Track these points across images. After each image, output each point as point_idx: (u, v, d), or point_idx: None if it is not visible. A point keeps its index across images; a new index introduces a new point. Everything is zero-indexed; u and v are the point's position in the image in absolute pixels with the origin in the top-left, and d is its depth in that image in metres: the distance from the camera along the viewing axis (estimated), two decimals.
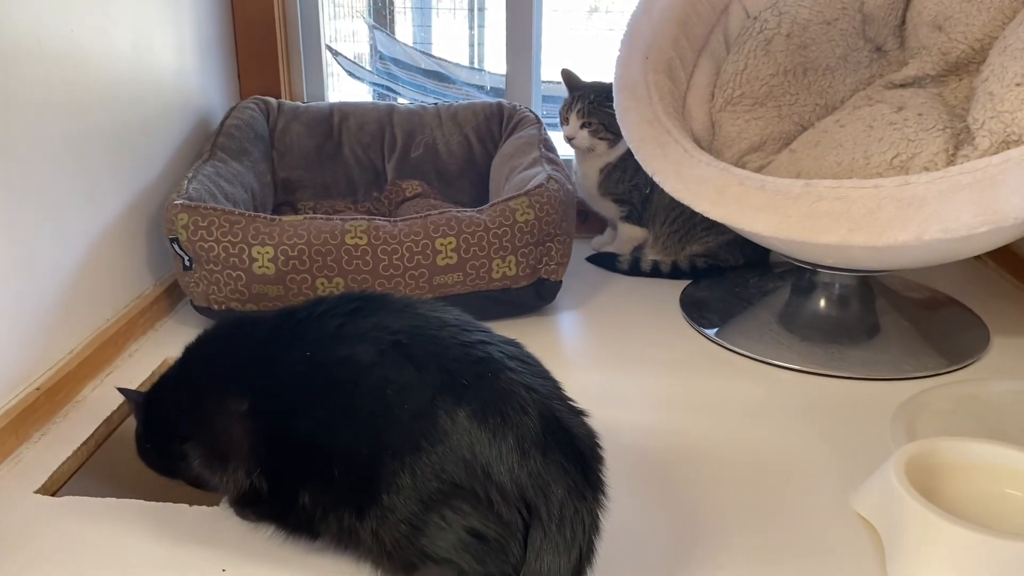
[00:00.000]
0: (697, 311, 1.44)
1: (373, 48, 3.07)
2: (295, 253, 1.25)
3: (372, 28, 3.04)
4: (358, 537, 0.75)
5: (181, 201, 1.27)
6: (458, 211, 1.32)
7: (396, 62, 3.02)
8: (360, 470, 0.73)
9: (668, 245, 1.60)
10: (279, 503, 0.80)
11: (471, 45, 3.27)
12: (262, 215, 1.28)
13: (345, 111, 1.70)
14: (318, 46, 1.83)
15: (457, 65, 3.03)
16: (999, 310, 1.42)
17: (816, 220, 1.10)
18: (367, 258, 1.27)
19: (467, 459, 0.70)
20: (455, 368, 0.74)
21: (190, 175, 1.37)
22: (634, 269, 1.61)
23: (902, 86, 1.30)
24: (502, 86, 1.86)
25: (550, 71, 1.84)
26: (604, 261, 1.64)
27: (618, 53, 1.45)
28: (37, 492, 0.95)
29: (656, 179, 1.27)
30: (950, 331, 1.36)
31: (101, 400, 1.14)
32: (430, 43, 3.12)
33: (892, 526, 0.86)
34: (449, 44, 3.15)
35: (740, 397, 1.20)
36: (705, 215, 1.21)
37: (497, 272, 1.32)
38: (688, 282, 1.56)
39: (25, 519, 0.90)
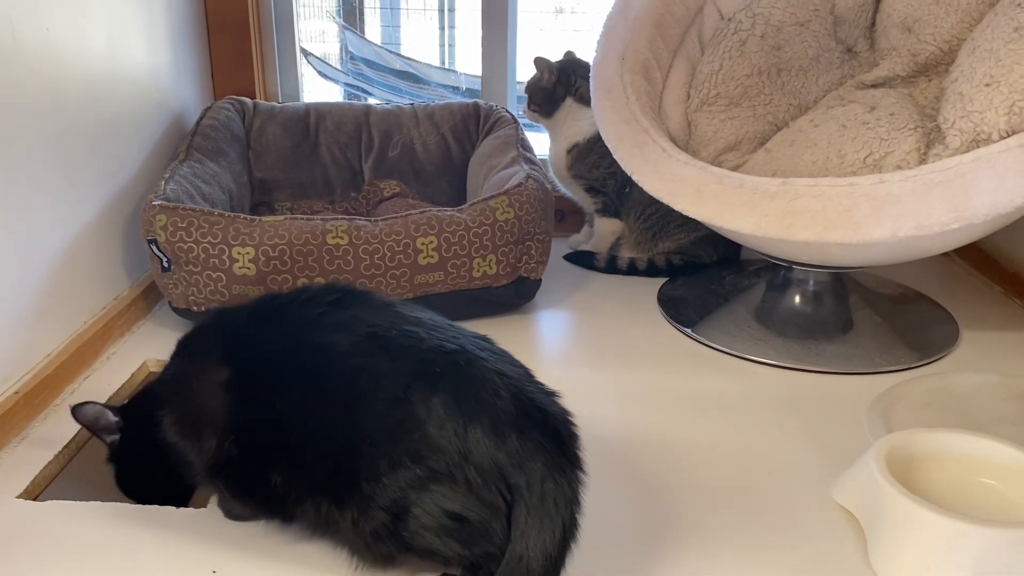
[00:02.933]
0: (674, 308, 1.46)
1: (344, 48, 3.06)
2: (276, 254, 1.25)
3: (342, 28, 3.03)
4: (337, 526, 0.76)
5: (159, 202, 1.26)
6: (439, 210, 1.33)
7: (367, 62, 3.02)
8: (336, 457, 0.74)
9: (642, 241, 1.62)
10: (250, 477, 0.80)
11: (441, 46, 3.27)
12: (242, 215, 1.27)
13: (321, 111, 1.69)
14: (292, 46, 1.82)
15: (428, 66, 3.04)
16: (967, 305, 1.46)
17: (793, 218, 1.12)
18: (348, 258, 1.27)
19: (443, 445, 0.71)
20: (429, 357, 0.75)
21: (167, 175, 1.35)
22: (611, 267, 1.63)
23: (873, 86, 1.33)
24: (476, 87, 1.87)
25: (523, 71, 1.86)
26: (581, 259, 1.65)
27: (594, 54, 1.47)
28: (19, 497, 0.94)
29: (635, 178, 1.29)
30: (921, 326, 1.40)
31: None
32: (400, 43, 3.12)
33: (873, 515, 0.88)
34: (419, 45, 3.15)
35: (718, 392, 1.22)
36: (684, 213, 1.23)
37: (478, 271, 1.33)
38: (665, 280, 1.58)
39: (8, 524, 0.89)
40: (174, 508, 0.92)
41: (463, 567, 0.74)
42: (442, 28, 3.25)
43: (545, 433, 0.73)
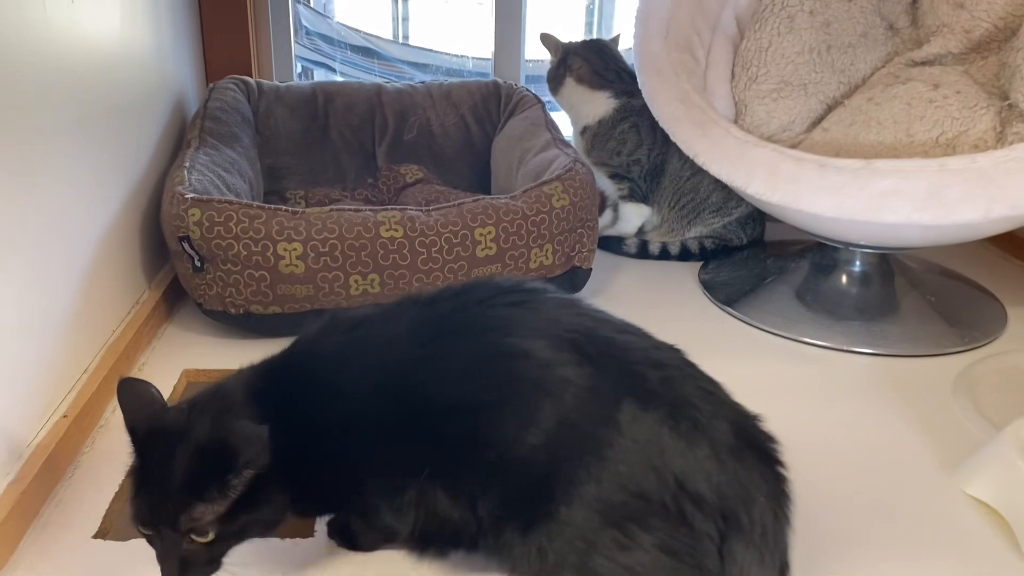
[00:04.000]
0: (719, 290, 1.42)
1: (297, 23, 2.91)
2: (326, 249, 1.15)
3: (295, 3, 2.88)
4: (511, 554, 0.69)
5: (192, 195, 1.14)
6: (493, 199, 1.25)
7: (324, 38, 2.87)
8: (535, 479, 0.66)
9: (674, 227, 1.58)
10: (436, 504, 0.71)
11: (394, 20, 3.14)
12: (284, 208, 1.16)
13: (329, 91, 1.57)
14: (288, 24, 1.69)
15: (386, 40, 2.91)
16: (1010, 289, 1.46)
17: (880, 200, 1.09)
18: (404, 252, 1.18)
19: (658, 468, 0.65)
20: (638, 371, 0.68)
21: (187, 164, 1.22)
22: (642, 252, 1.58)
23: (924, 63, 1.32)
24: (442, 63, 1.77)
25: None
26: (610, 245, 1.60)
27: (634, 32, 1.41)
28: (96, 537, 0.82)
29: (699, 160, 1.24)
30: (968, 308, 1.40)
31: (122, 424, 1.01)
32: (346, 15, 2.96)
33: (1019, 504, 0.86)
34: (370, 18, 3.01)
35: (773, 376, 1.19)
36: (756, 197, 1.19)
37: (535, 262, 1.26)
38: (699, 263, 1.54)
39: (99, 570, 0.78)
40: (279, 540, 0.82)
41: None
42: (395, 1, 3.13)
43: (765, 462, 0.68)
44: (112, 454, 0.95)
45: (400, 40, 3.05)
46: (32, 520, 0.83)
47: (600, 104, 1.54)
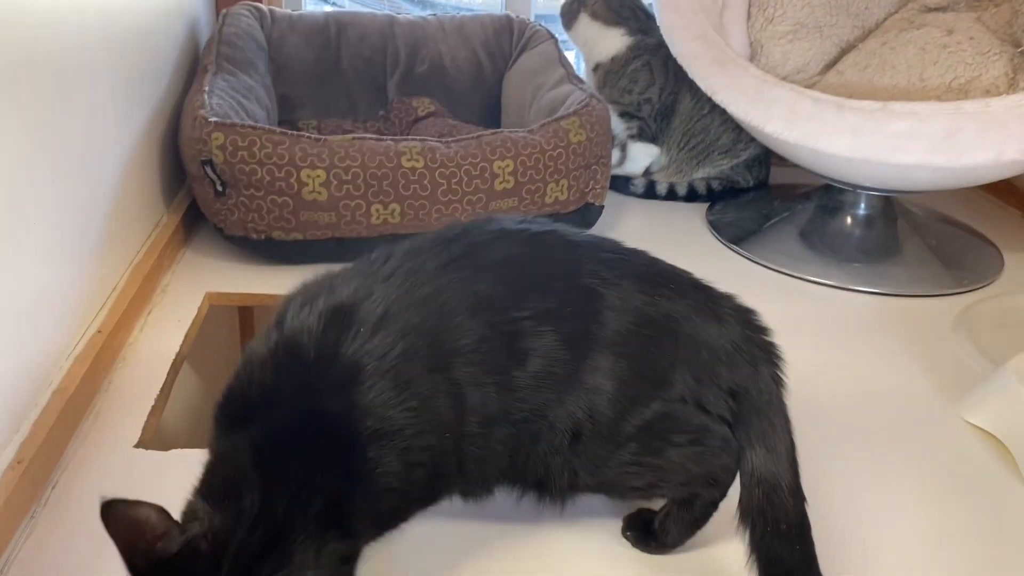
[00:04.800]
0: (725, 230, 1.45)
1: None
2: (349, 177, 1.16)
3: None
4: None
5: (215, 119, 1.14)
6: (511, 132, 1.26)
7: None
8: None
9: (682, 167, 1.60)
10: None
11: None
12: (307, 135, 1.17)
13: (343, 21, 1.56)
14: None
15: None
16: (1006, 235, 1.50)
17: (896, 140, 1.12)
18: (425, 182, 1.19)
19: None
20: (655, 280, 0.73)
21: (206, 88, 1.22)
22: (649, 192, 1.60)
23: (937, 9, 1.34)
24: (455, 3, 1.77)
25: None
26: (618, 185, 1.61)
27: None
28: (138, 446, 0.85)
29: (717, 98, 1.26)
30: (967, 252, 1.44)
31: (151, 342, 1.03)
32: None
33: (1021, 433, 0.91)
34: None
35: (779, 312, 1.20)
36: (774, 136, 1.21)
37: (550, 196, 1.28)
38: (706, 204, 1.57)
39: (142, 478, 0.80)
40: None
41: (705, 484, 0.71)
42: None
43: (757, 333, 0.72)
44: (143, 368, 0.97)
45: None
46: (74, 430, 0.85)
47: (614, 41, 1.54)
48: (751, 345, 0.70)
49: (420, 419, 0.61)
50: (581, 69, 1.64)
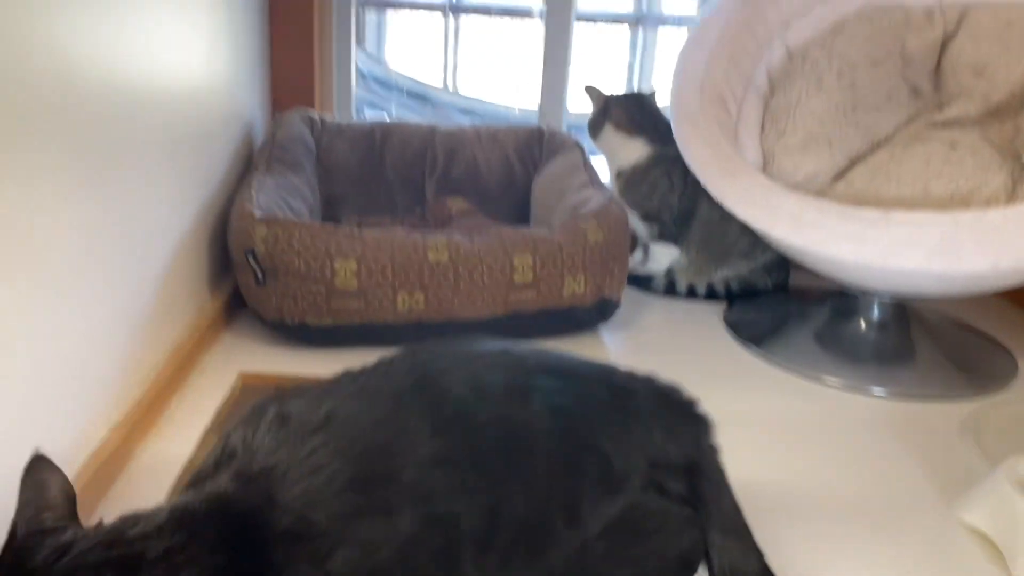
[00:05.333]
0: (742, 329, 1.50)
1: (356, 68, 3.07)
2: (378, 267, 1.25)
3: (357, 48, 3.04)
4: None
5: (260, 213, 1.25)
6: (531, 230, 1.35)
7: (379, 82, 3.03)
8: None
9: (703, 268, 1.66)
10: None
11: (445, 69, 3.29)
12: (343, 228, 1.27)
13: (387, 129, 1.69)
14: (349, 64, 1.83)
15: (435, 88, 3.06)
16: (1021, 340, 1.52)
17: (897, 247, 1.17)
18: (448, 274, 1.27)
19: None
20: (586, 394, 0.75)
21: (255, 186, 1.34)
22: (670, 290, 1.66)
23: (945, 126, 1.40)
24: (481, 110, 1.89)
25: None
26: (638, 282, 1.68)
27: (671, 86, 1.51)
28: None
29: (726, 204, 1.33)
30: (981, 358, 1.46)
31: (184, 416, 1.11)
32: (399, 63, 3.11)
33: (1012, 533, 0.92)
34: (422, 67, 3.16)
35: (789, 412, 1.25)
36: (781, 241, 1.27)
37: (568, 290, 1.35)
38: (724, 303, 1.62)
39: None
40: None
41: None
42: (446, 52, 3.29)
43: (688, 411, 0.78)
44: (175, 440, 1.05)
45: (450, 89, 3.21)
46: (106, 492, 0.93)
47: (635, 150, 1.64)
48: (684, 415, 0.76)
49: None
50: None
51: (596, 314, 1.41)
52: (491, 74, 2.92)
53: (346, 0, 1.79)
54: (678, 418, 0.75)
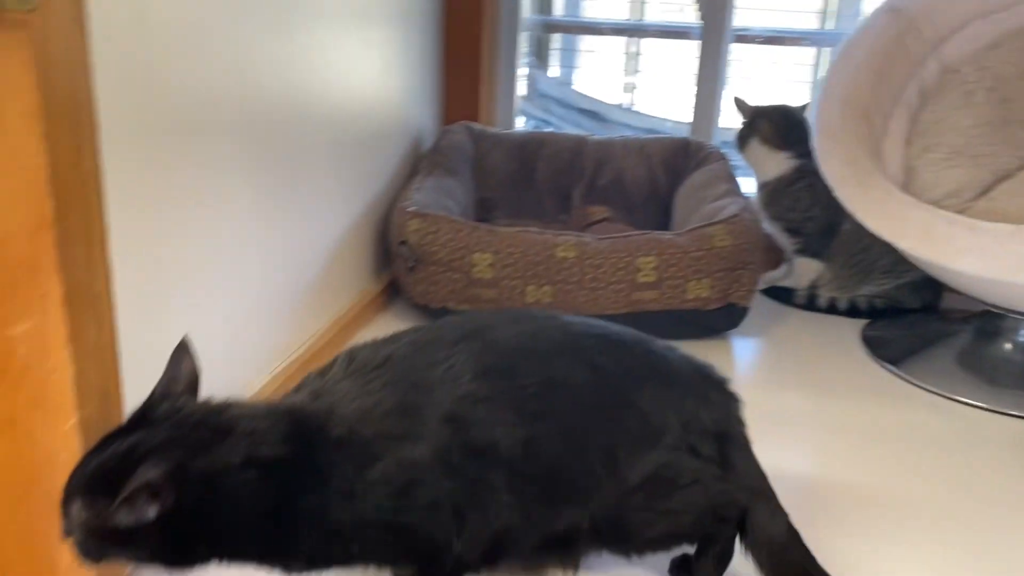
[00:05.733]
0: (878, 346, 1.48)
1: (533, 87, 3.26)
2: (511, 261, 1.38)
3: (533, 69, 3.23)
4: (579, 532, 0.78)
5: (414, 208, 1.42)
6: (659, 234, 1.42)
7: (555, 100, 3.19)
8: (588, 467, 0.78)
9: (846, 284, 1.66)
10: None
11: (624, 89, 3.40)
12: (483, 225, 1.41)
13: (542, 140, 1.83)
14: (513, 81, 1.99)
15: (611, 106, 3.18)
16: None
17: (1020, 262, 1.14)
18: (574, 270, 1.38)
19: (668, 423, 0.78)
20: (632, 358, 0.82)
21: (416, 186, 1.51)
22: (810, 304, 1.67)
23: None
24: (657, 127, 1.96)
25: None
26: (779, 294, 1.70)
27: (816, 99, 1.53)
28: None
29: (858, 216, 1.34)
30: None
31: None
32: (583, 83, 3.25)
33: None
34: (593, 85, 3.29)
35: (925, 430, 1.24)
36: (910, 253, 1.27)
37: (691, 293, 1.41)
38: (865, 321, 1.61)
39: None
40: None
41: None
42: (626, 72, 3.40)
43: (721, 387, 0.82)
44: None
45: (625, 106, 3.31)
46: None
47: (780, 163, 1.67)
48: (714, 387, 0.81)
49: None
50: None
51: (722, 319, 1.46)
52: (665, 92, 3.00)
53: (511, 26, 1.94)
54: (711, 389, 0.81)
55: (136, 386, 0.68)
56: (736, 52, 1.98)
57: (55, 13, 0.61)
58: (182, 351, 0.69)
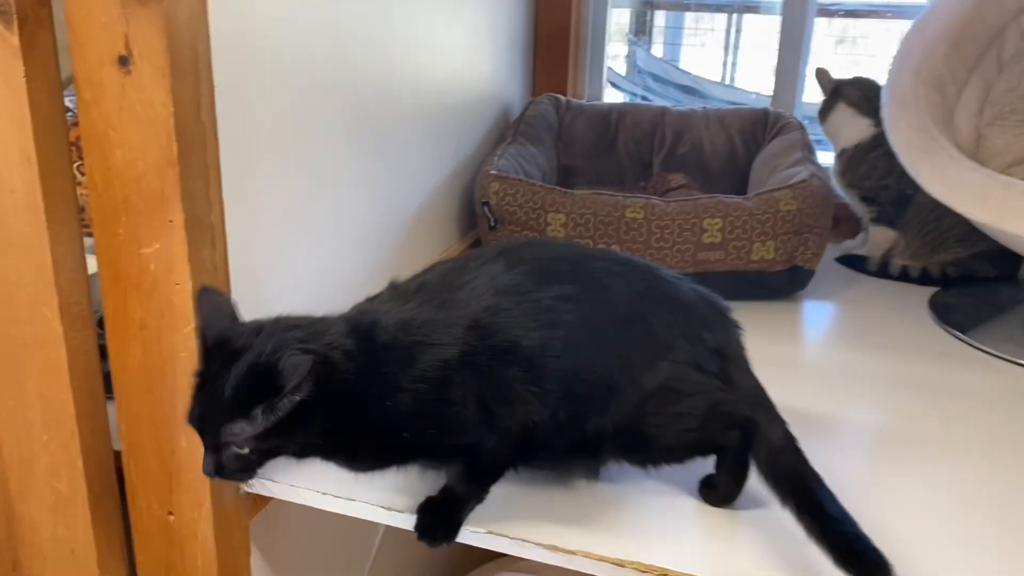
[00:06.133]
0: (945, 312, 1.51)
1: (632, 62, 3.33)
2: (582, 221, 1.48)
3: (633, 45, 3.29)
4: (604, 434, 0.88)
5: (495, 172, 1.55)
6: (726, 197, 1.50)
7: (653, 76, 3.25)
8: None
9: (919, 252, 1.68)
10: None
11: (724, 65, 3.43)
12: (557, 188, 1.52)
13: (623, 110, 1.92)
14: (601, 58, 2.08)
15: (710, 82, 3.21)
16: None
17: None
18: (642, 231, 1.47)
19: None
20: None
21: (499, 153, 1.64)
22: (882, 272, 1.70)
23: None
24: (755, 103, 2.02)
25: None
26: (853, 262, 1.74)
27: (890, 68, 1.56)
28: None
29: (919, 180, 1.38)
30: None
31: None
32: (678, 60, 3.29)
33: None
34: (698, 62, 3.32)
35: (979, 389, 1.27)
36: (967, 216, 1.30)
37: (756, 255, 1.48)
38: (936, 289, 1.63)
39: None
40: None
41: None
42: (726, 48, 3.42)
43: (726, 314, 0.92)
44: None
45: (725, 83, 3.34)
46: None
47: (861, 129, 1.69)
48: (718, 313, 0.90)
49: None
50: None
51: (787, 281, 1.52)
52: (762, 68, 3.02)
53: (600, 5, 2.04)
54: (714, 315, 0.90)
55: (242, 299, 0.84)
56: (820, 26, 2.01)
57: None
58: (209, 295, 0.80)
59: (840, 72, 1.76)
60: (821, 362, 1.38)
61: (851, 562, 0.77)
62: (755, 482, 0.90)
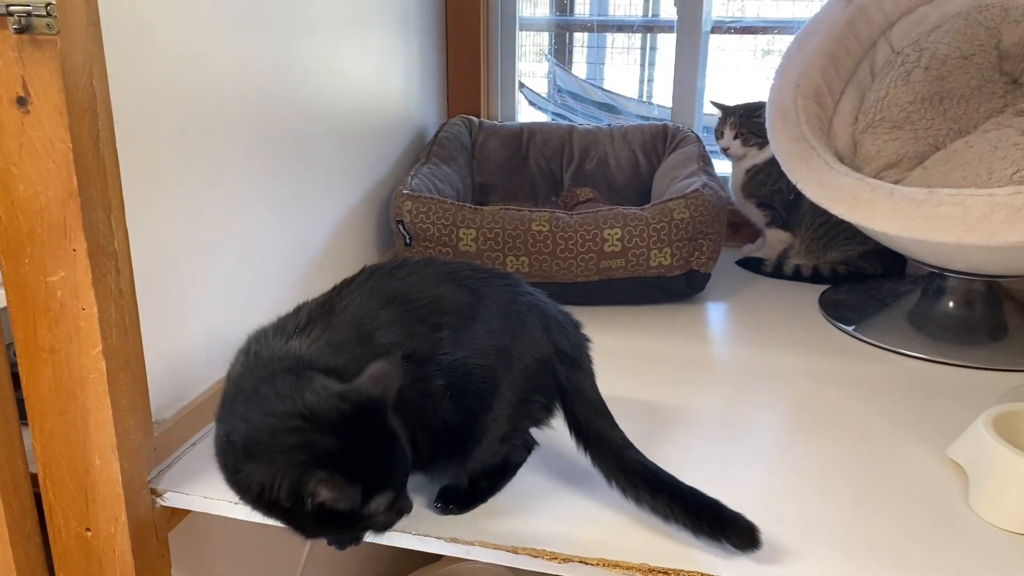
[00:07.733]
0: (833, 308, 1.62)
1: (552, 82, 3.43)
2: (492, 235, 1.56)
3: (553, 65, 3.40)
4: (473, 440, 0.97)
5: (407, 191, 1.61)
6: (624, 208, 1.59)
7: (572, 94, 3.36)
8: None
9: (812, 250, 1.80)
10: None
11: (641, 81, 3.56)
12: (468, 205, 1.60)
13: (533, 129, 2.01)
14: (512, 79, 2.17)
15: (627, 98, 3.33)
16: None
17: (935, 221, 1.28)
18: (548, 242, 1.55)
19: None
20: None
21: (412, 173, 1.71)
22: (777, 272, 1.81)
23: None
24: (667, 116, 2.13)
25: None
26: (750, 264, 1.85)
27: (772, 81, 1.68)
28: None
29: (799, 186, 1.48)
30: None
31: None
32: (602, 79, 3.42)
33: (977, 465, 1.03)
34: (621, 80, 3.44)
35: (866, 376, 1.38)
36: (841, 217, 1.42)
37: (654, 261, 1.57)
38: (827, 286, 1.75)
39: None
40: None
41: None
42: (642, 66, 3.56)
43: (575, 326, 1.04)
44: None
45: (642, 99, 3.46)
46: None
47: (753, 156, 1.80)
48: (573, 329, 1.02)
49: None
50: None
51: (685, 284, 1.62)
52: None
53: (509, 28, 2.13)
54: (568, 326, 1.01)
55: (151, 323, 0.89)
56: (746, 40, 2.12)
57: (75, 32, 0.82)
58: None
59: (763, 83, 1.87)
60: (719, 358, 1.48)
61: (720, 529, 0.86)
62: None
